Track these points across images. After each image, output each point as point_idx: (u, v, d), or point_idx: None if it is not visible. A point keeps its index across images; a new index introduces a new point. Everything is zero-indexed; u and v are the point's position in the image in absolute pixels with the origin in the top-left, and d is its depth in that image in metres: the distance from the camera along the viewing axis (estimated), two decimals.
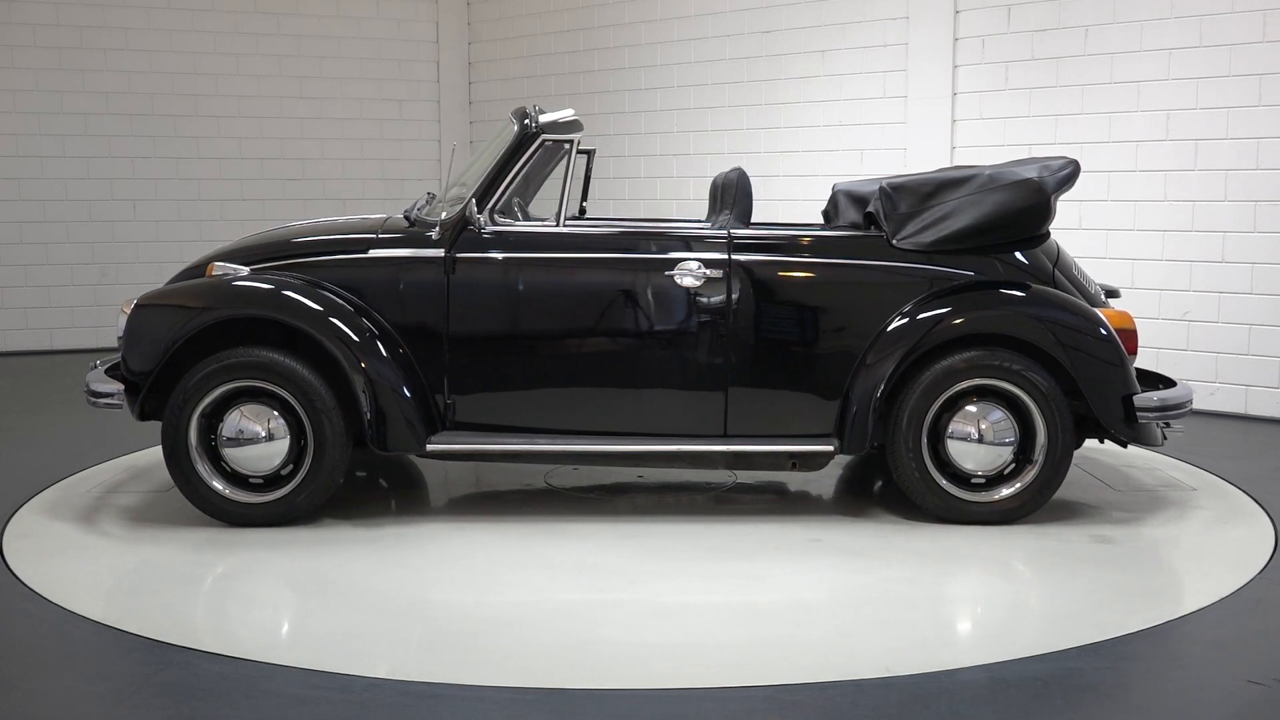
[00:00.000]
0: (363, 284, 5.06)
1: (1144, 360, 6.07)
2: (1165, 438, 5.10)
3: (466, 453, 5.04)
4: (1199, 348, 7.31)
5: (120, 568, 4.52)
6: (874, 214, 5.18)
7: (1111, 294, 5.61)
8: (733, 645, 3.78)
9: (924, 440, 4.93)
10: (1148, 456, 6.15)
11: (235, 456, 4.95)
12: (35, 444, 6.56)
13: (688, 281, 4.98)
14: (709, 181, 5.79)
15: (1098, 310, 5.00)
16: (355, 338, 4.93)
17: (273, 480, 4.99)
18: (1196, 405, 6.23)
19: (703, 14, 9.45)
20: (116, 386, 5.04)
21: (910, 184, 5.14)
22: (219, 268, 5.16)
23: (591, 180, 6.33)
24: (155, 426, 4.98)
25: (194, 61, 10.28)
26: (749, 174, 5.53)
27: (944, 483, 4.96)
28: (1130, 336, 5.00)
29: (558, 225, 5.11)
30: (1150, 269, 7.42)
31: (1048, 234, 5.19)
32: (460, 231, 5.04)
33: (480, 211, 5.02)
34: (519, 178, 5.11)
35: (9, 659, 3.69)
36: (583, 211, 6.26)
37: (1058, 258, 5.16)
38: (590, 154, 6.21)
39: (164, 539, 4.87)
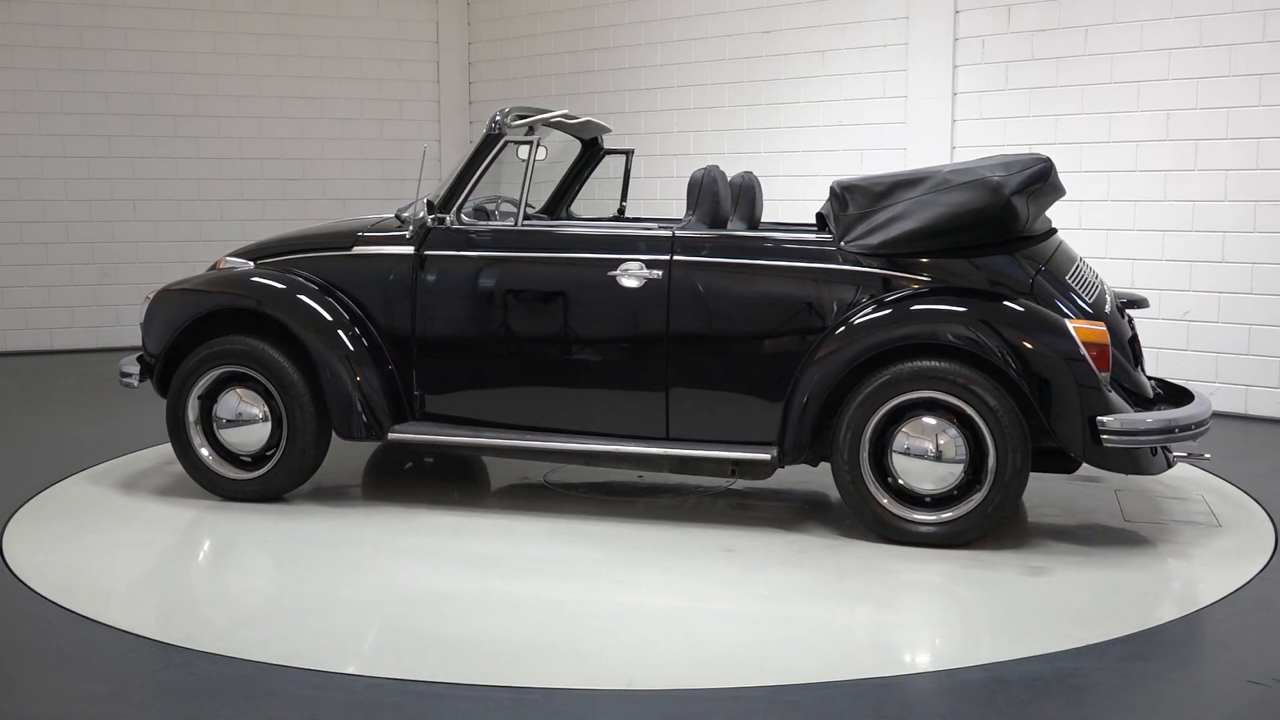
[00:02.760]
0: (346, 278, 5.33)
1: (1145, 362, 6.05)
2: (1170, 464, 4.72)
3: (425, 443, 5.23)
4: (1199, 348, 7.31)
5: (120, 567, 4.52)
6: (824, 215, 5.03)
7: (1133, 304, 5.27)
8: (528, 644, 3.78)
9: (862, 453, 4.65)
10: (1207, 486, 5.58)
11: (226, 436, 5.32)
12: (35, 444, 6.56)
13: (629, 282, 4.97)
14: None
15: (1068, 322, 4.55)
16: (324, 327, 5.18)
17: (260, 459, 5.32)
18: None
19: (703, 14, 9.45)
20: (137, 367, 5.53)
21: (862, 184, 4.86)
22: (228, 262, 5.60)
23: (631, 180, 6.44)
24: (153, 428, 5.04)
25: (194, 61, 10.28)
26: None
27: (883, 499, 4.67)
28: (1100, 353, 4.55)
29: (515, 224, 5.22)
30: (1150, 269, 7.42)
31: (1040, 236, 4.87)
32: (429, 230, 5.23)
33: (448, 210, 5.20)
34: (484, 177, 5.25)
35: (9, 659, 3.69)
36: (621, 211, 6.35)
37: (1047, 263, 4.78)
38: (629, 154, 6.35)
39: (164, 539, 4.88)
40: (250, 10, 10.46)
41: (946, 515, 4.63)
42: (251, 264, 5.53)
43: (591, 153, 6.39)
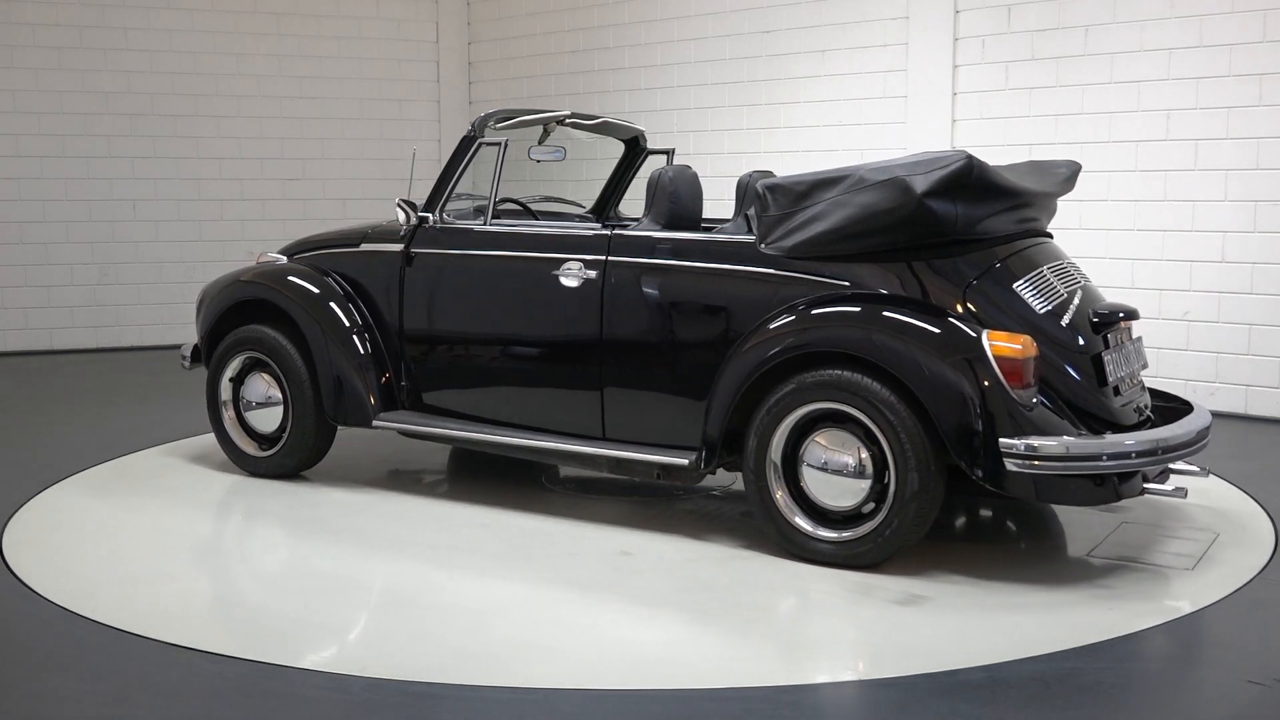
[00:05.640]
0: (354, 273, 5.66)
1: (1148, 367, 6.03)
2: (1121, 494, 4.25)
3: (406, 432, 5.46)
4: (1199, 348, 7.31)
5: (120, 567, 4.51)
6: (748, 216, 4.93)
7: (1115, 315, 4.59)
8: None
9: (769, 463, 4.46)
10: (1239, 521, 5.02)
11: (249, 417, 5.77)
12: (35, 444, 6.56)
13: (569, 281, 5.03)
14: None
15: (984, 334, 4.19)
16: (321, 317, 5.52)
17: (277, 439, 5.71)
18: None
19: (703, 14, 9.45)
20: (190, 350, 6.06)
21: (785, 184, 4.66)
22: (266, 256, 6.05)
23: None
24: (148, 429, 5.05)
25: (194, 61, 10.28)
26: (742, 172, 5.51)
27: (788, 513, 4.46)
28: (1013, 368, 4.14)
29: (484, 224, 5.37)
30: (1150, 269, 7.42)
31: (1000, 238, 4.55)
32: (416, 228, 5.49)
33: (431, 210, 5.44)
34: (462, 177, 5.46)
35: (9, 659, 3.69)
36: None
37: (995, 267, 4.45)
38: (669, 154, 6.40)
39: (164, 539, 4.88)
40: (250, 10, 10.45)
41: (845, 534, 4.37)
42: (284, 258, 5.94)
43: (634, 153, 6.47)
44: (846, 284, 4.50)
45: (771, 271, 4.63)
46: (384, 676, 3.49)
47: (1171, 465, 4.54)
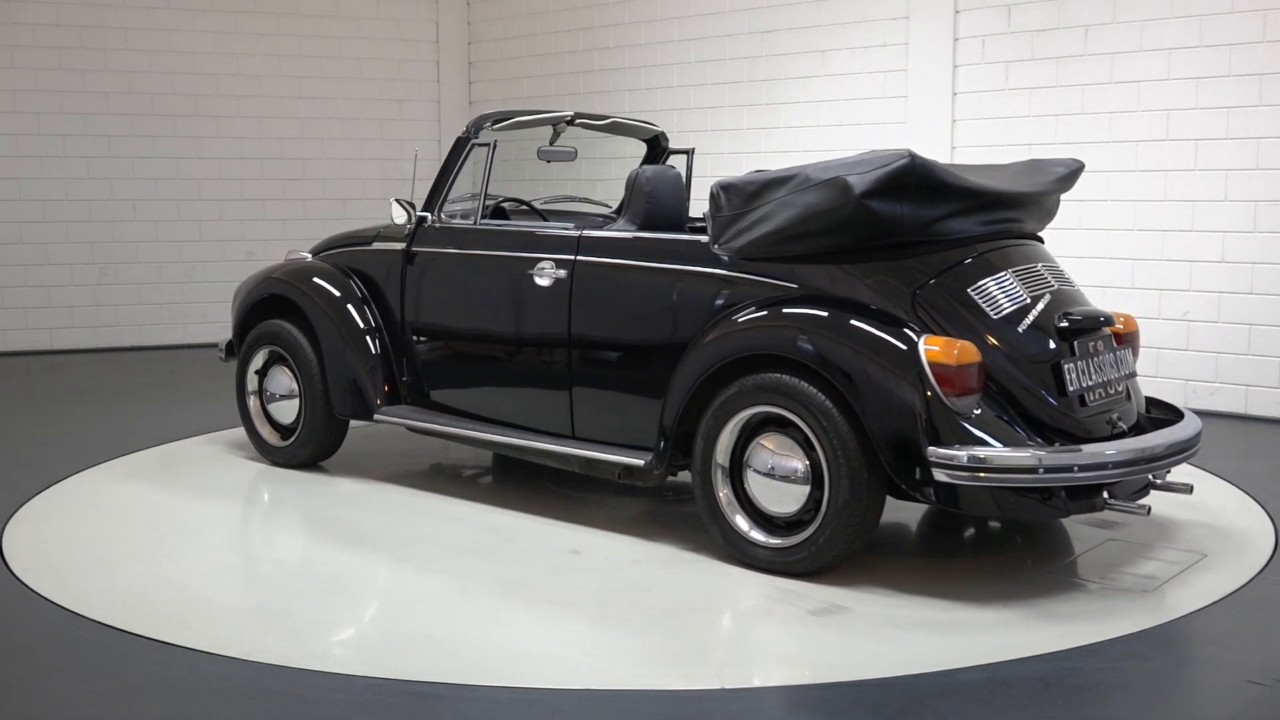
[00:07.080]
0: (366, 270, 5.82)
1: (1145, 362, 6.03)
2: (1069, 510, 4.05)
3: (405, 426, 5.56)
4: (1199, 348, 7.31)
5: (120, 566, 4.51)
6: (703, 216, 4.91)
7: (1086, 323, 4.34)
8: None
9: (714, 466, 4.40)
10: (1241, 541, 4.75)
11: (272, 410, 5.98)
12: (35, 444, 6.56)
13: (542, 281, 5.08)
14: (708, 182, 5.78)
15: (922, 339, 4.04)
16: (329, 312, 5.70)
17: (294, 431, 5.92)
18: (1196, 405, 6.15)
19: (703, 14, 9.45)
20: (224, 344, 6.31)
21: (738, 184, 4.58)
22: (293, 254, 6.27)
23: (692, 179, 6.41)
24: (152, 428, 5.05)
25: (194, 61, 10.28)
26: (747, 169, 5.51)
27: (732, 516, 4.39)
28: (946, 374, 3.96)
29: (474, 223, 5.46)
30: (1150, 269, 7.42)
31: (967, 239, 4.39)
32: (417, 227, 5.61)
33: (430, 210, 5.56)
34: (458, 177, 5.58)
35: (9, 659, 3.69)
36: None
37: (950, 270, 4.29)
38: (689, 153, 6.41)
39: (164, 540, 4.88)
40: (250, 10, 10.45)
41: (778, 541, 4.29)
42: (309, 256, 6.13)
43: (655, 153, 6.49)
44: (794, 286, 4.41)
45: (721, 272, 4.59)
46: (384, 676, 3.49)
47: (1155, 479, 4.34)
